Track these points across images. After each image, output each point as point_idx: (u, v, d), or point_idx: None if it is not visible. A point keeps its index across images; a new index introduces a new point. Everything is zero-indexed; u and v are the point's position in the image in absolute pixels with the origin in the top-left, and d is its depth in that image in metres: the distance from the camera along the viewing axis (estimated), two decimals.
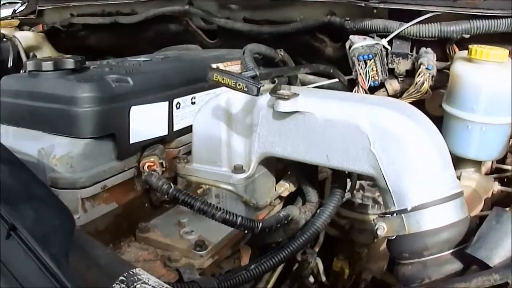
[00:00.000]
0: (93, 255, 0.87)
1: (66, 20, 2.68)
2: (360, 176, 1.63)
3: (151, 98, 1.37)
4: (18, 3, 3.01)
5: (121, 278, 0.84)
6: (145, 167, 1.31)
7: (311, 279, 1.81)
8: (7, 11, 3.00)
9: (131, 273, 0.86)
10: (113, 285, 0.83)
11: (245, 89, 1.14)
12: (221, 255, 1.31)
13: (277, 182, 1.50)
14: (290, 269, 1.74)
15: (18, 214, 0.72)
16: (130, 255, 1.27)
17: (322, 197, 1.54)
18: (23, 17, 2.88)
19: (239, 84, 1.14)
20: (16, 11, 2.93)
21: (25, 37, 2.53)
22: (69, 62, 1.32)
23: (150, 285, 0.84)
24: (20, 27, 2.79)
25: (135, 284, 0.83)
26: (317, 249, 1.78)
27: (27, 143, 1.25)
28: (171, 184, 1.25)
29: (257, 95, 1.15)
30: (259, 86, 1.14)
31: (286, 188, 1.48)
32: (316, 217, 1.36)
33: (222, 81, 1.16)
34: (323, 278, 1.84)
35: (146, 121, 1.35)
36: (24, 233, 0.69)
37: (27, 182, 0.83)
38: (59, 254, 0.68)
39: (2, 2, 3.40)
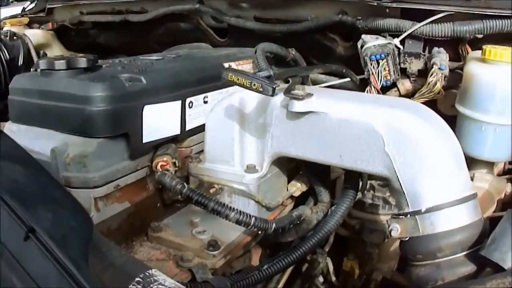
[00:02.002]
0: (109, 256, 0.87)
1: (76, 18, 2.68)
2: (371, 176, 1.62)
3: (164, 97, 1.36)
4: (27, 1, 3.01)
5: (137, 279, 0.84)
6: (158, 167, 1.31)
7: (321, 279, 1.80)
8: (17, 9, 3.00)
9: (147, 274, 0.85)
10: (130, 286, 0.82)
11: (261, 89, 1.14)
12: (233, 255, 1.31)
13: (288, 182, 1.50)
14: (299, 269, 1.73)
15: (36, 216, 0.72)
16: (142, 254, 1.27)
17: (333, 197, 1.54)
18: (32, 15, 2.88)
19: (254, 84, 1.14)
20: (26, 9, 2.93)
21: (35, 35, 2.53)
22: (82, 61, 1.31)
23: (166, 286, 0.84)
24: (29, 25, 2.79)
25: (151, 285, 0.83)
26: (327, 249, 1.78)
27: (39, 142, 1.24)
28: (185, 183, 1.25)
29: (272, 95, 1.15)
30: (274, 86, 1.13)
31: (298, 188, 1.48)
32: (328, 217, 1.36)
33: (237, 81, 1.16)
34: (333, 278, 1.84)
35: (159, 120, 1.35)
36: (43, 235, 0.69)
37: (44, 184, 0.83)
38: (78, 256, 0.68)
39: (11, 0, 3.41)
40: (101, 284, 0.79)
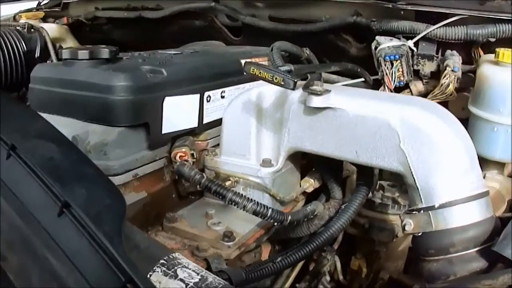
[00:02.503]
0: (133, 239, 0.89)
1: (91, 14, 2.69)
2: (381, 176, 1.64)
3: (184, 90, 1.39)
4: None
5: (161, 261, 0.86)
6: (177, 157, 1.33)
7: (328, 278, 1.82)
8: (32, 3, 3.02)
9: (171, 257, 0.88)
10: (154, 268, 0.85)
11: (282, 83, 1.16)
12: (246, 247, 1.33)
13: (300, 178, 1.53)
14: (307, 267, 1.75)
15: (70, 192, 0.74)
16: None
17: (343, 196, 1.56)
18: (48, 10, 2.90)
19: (276, 78, 1.16)
20: (41, 4, 2.96)
21: (50, 29, 2.53)
22: (104, 52, 1.34)
23: (190, 269, 0.86)
24: (44, 20, 2.81)
25: (175, 267, 0.86)
26: (336, 247, 1.80)
27: (61, 130, 1.26)
28: (203, 174, 1.27)
29: (293, 89, 1.17)
30: (295, 80, 1.16)
31: (311, 184, 1.50)
32: (341, 213, 1.38)
33: (259, 75, 1.18)
34: (340, 277, 1.85)
35: (178, 112, 1.37)
36: (78, 210, 0.71)
37: (77, 162, 0.85)
38: (113, 232, 0.70)
39: None
40: None
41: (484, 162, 1.52)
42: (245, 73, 1.22)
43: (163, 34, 2.46)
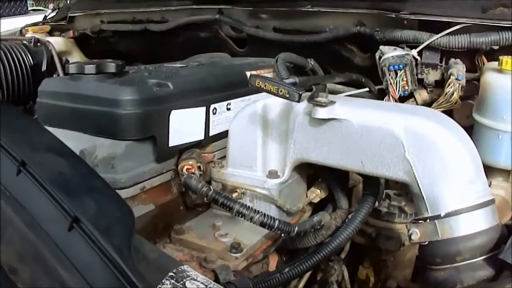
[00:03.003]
0: (142, 250, 0.90)
1: (97, 27, 2.72)
2: (387, 186, 1.65)
3: (190, 103, 1.40)
4: (45, 10, 3.06)
5: (170, 274, 0.86)
6: (184, 170, 1.34)
7: (335, 287, 1.82)
8: (38, 17, 3.06)
9: (179, 269, 0.88)
10: (163, 280, 0.85)
11: (287, 95, 1.17)
12: (254, 258, 1.34)
13: (307, 188, 1.53)
14: (315, 276, 1.75)
15: (80, 206, 0.75)
16: None
17: (350, 205, 1.57)
18: (54, 23, 2.93)
19: (281, 90, 1.17)
20: (47, 17, 2.99)
21: (56, 43, 2.57)
22: (111, 66, 1.36)
23: (199, 281, 0.87)
24: (51, 33, 2.85)
25: (184, 280, 0.86)
26: (343, 256, 1.80)
27: (68, 143, 1.25)
28: (210, 186, 1.28)
29: (298, 101, 1.18)
30: (300, 93, 1.17)
31: (317, 194, 1.51)
32: (348, 223, 1.39)
33: (264, 87, 1.19)
34: (348, 286, 1.85)
35: (184, 125, 1.39)
36: (87, 224, 0.72)
37: (86, 175, 0.87)
38: (122, 245, 0.71)
39: (29, 9, 3.47)
40: None
41: (490, 170, 1.52)
42: (250, 86, 1.23)
43: (169, 46, 2.48)
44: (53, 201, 0.76)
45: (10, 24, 3.04)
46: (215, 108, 1.49)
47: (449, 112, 1.63)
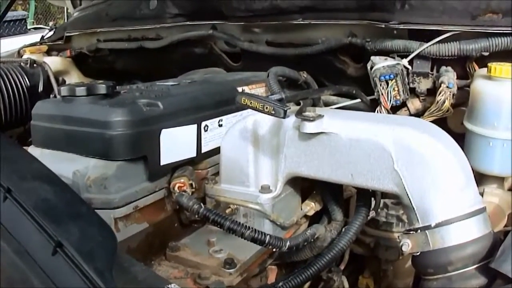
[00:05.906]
0: (132, 271, 0.91)
1: (93, 46, 2.74)
2: (384, 195, 1.65)
3: (180, 121, 1.41)
4: (45, 28, 3.09)
5: None
6: (176, 188, 1.35)
7: None
8: (35, 37, 3.09)
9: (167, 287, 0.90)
10: None
11: (272, 112, 1.18)
12: (249, 273, 1.34)
13: (302, 201, 1.54)
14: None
15: (64, 231, 0.76)
16: (161, 273, 1.30)
17: (347, 216, 1.57)
18: (51, 43, 2.96)
19: (266, 107, 1.19)
20: (45, 37, 3.02)
21: (54, 62, 2.61)
22: (102, 88, 1.37)
23: None
24: (48, 53, 2.88)
25: None
26: (342, 268, 1.80)
27: (62, 165, 1.29)
28: (201, 204, 1.29)
29: (284, 117, 1.19)
30: (285, 109, 1.18)
31: (312, 207, 1.51)
32: (342, 235, 1.39)
33: (250, 104, 1.20)
34: None
35: (176, 143, 1.40)
36: (70, 249, 0.73)
37: (70, 201, 0.88)
38: (104, 268, 0.72)
39: (29, 27, 3.51)
40: None
41: (483, 177, 1.53)
42: (236, 103, 1.24)
43: (164, 62, 2.50)
44: (38, 227, 0.78)
45: (10, 44, 3.07)
46: (206, 125, 1.50)
47: (443, 120, 1.64)
